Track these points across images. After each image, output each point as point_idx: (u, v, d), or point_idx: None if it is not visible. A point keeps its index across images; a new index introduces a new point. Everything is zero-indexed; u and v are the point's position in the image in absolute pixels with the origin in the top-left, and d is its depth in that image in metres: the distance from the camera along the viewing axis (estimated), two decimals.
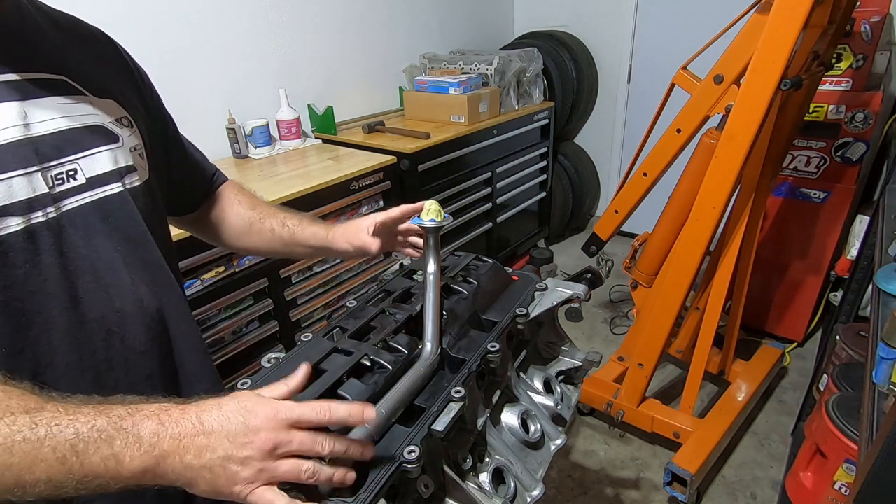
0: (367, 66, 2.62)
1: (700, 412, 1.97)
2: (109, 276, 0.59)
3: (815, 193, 2.18)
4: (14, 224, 0.51)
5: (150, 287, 0.64)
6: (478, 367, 0.68)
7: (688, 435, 1.76)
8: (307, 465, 0.46)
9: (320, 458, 0.48)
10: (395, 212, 0.83)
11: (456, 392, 0.62)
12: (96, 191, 0.59)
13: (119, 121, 0.63)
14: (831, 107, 2.04)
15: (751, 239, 1.81)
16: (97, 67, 0.64)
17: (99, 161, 0.59)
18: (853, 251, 2.03)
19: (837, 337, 1.61)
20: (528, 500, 0.67)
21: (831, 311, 2.21)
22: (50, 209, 0.54)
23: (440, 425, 0.57)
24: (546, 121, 2.96)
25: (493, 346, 0.70)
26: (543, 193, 3.16)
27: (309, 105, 2.37)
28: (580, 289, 0.87)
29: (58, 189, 0.55)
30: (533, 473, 0.69)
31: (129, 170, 0.63)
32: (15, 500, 0.41)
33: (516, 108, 2.78)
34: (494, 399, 0.75)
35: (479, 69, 2.62)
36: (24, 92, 0.53)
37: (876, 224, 1.53)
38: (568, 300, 0.87)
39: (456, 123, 2.46)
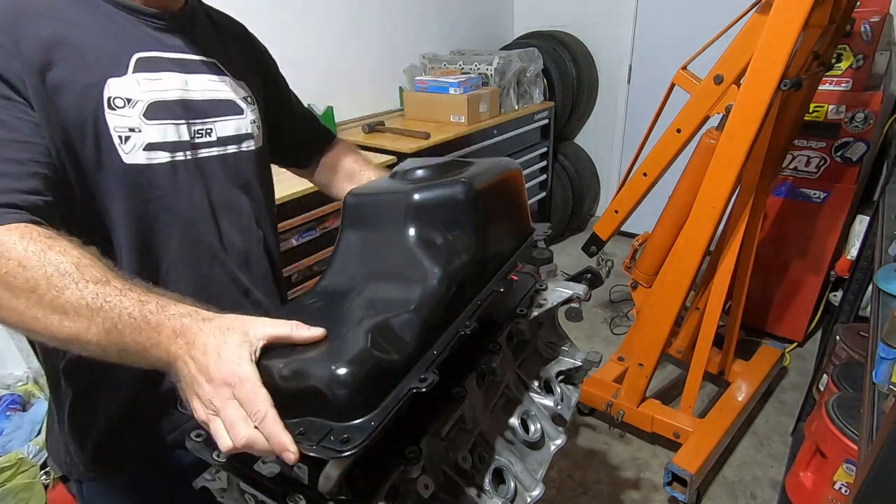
0: (367, 66, 2.62)
1: (700, 412, 1.97)
2: (219, 214, 0.77)
3: (815, 193, 2.18)
4: (162, 157, 0.69)
5: (239, 232, 0.81)
6: (478, 367, 0.68)
7: (688, 435, 1.76)
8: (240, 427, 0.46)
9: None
10: None
11: (456, 392, 0.62)
12: (222, 148, 0.77)
13: (245, 99, 0.81)
14: (831, 107, 2.04)
15: (751, 239, 1.81)
16: (236, 55, 0.84)
17: (227, 126, 0.78)
18: (853, 251, 2.03)
19: (837, 337, 1.61)
20: (528, 500, 0.66)
21: (831, 311, 2.21)
22: (188, 153, 0.73)
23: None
24: (546, 121, 2.96)
25: (494, 346, 0.70)
26: (543, 193, 3.16)
27: (309, 105, 2.37)
28: (580, 289, 0.87)
29: (196, 140, 0.74)
30: (533, 473, 0.69)
31: (247, 137, 0.81)
32: (76, 351, 0.52)
33: (516, 108, 2.78)
34: (495, 399, 0.75)
35: (479, 69, 2.62)
36: (188, 67, 0.73)
37: (876, 224, 1.53)
38: (568, 300, 0.87)
39: (456, 123, 2.46)
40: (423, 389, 0.47)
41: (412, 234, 0.62)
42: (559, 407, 0.81)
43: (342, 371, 0.45)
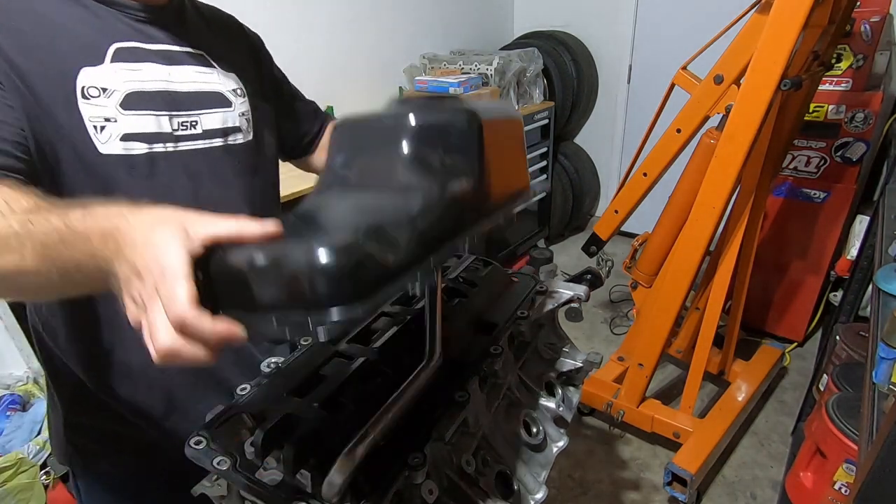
0: (368, 66, 2.62)
1: (700, 412, 1.97)
2: (204, 210, 0.63)
3: (815, 193, 2.18)
4: (140, 148, 0.68)
5: None
6: (480, 370, 0.68)
7: (688, 435, 1.76)
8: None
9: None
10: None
11: (459, 396, 0.62)
12: (207, 141, 0.76)
13: (234, 91, 0.80)
14: (831, 107, 2.04)
15: (751, 239, 1.81)
16: (226, 48, 0.82)
17: (214, 119, 0.76)
18: (853, 251, 2.03)
19: (837, 337, 1.61)
20: (532, 503, 0.67)
21: (831, 311, 2.21)
22: (169, 145, 0.71)
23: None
24: (546, 121, 2.96)
25: (495, 349, 0.70)
26: (543, 193, 3.16)
27: None
28: (580, 290, 0.87)
29: (179, 132, 0.72)
30: (536, 476, 0.69)
31: (234, 130, 0.80)
32: (24, 294, 0.50)
33: (516, 108, 2.78)
34: (497, 402, 0.75)
35: (479, 69, 2.62)
36: (172, 59, 0.72)
37: (876, 224, 1.53)
38: (568, 301, 0.87)
39: None
40: (417, 289, 0.41)
41: (409, 152, 0.53)
42: (561, 409, 0.81)
43: (325, 259, 0.36)
